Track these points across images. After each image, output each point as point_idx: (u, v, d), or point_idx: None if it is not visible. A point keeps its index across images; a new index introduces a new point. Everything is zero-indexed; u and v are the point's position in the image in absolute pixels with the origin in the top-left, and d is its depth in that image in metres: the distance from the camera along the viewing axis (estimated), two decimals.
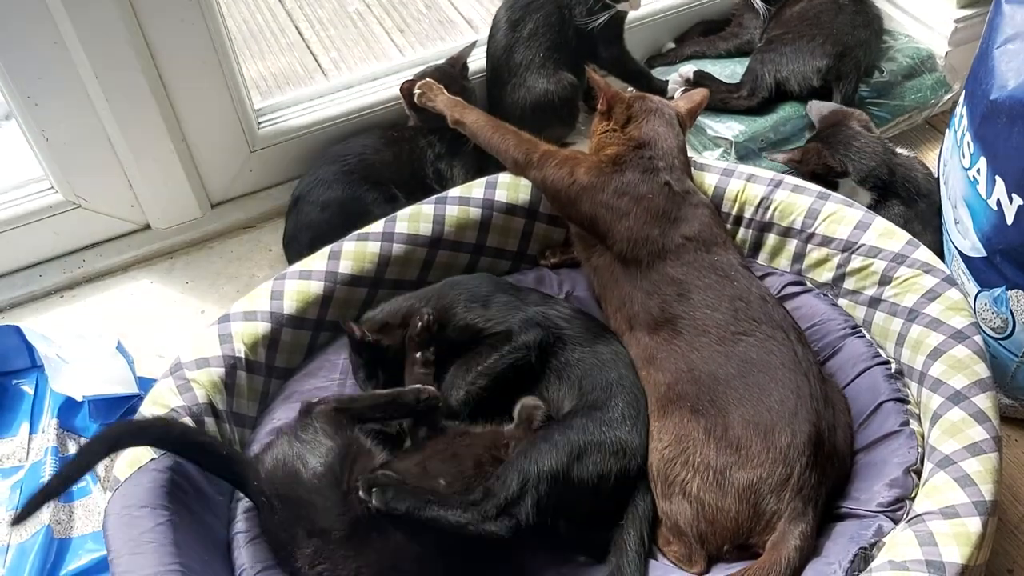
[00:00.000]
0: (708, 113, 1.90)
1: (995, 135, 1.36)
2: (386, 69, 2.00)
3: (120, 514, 1.15)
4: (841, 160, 1.68)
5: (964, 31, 2.03)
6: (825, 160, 1.69)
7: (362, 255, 1.47)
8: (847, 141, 1.69)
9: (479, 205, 1.54)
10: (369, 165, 1.78)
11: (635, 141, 1.44)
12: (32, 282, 1.78)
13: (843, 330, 1.40)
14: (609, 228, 1.39)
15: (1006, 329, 1.45)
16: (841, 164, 1.68)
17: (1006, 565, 1.38)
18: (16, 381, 1.56)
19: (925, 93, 2.03)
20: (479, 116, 1.59)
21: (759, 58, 1.96)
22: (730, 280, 1.32)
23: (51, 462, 1.42)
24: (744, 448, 1.18)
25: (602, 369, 1.32)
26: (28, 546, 1.32)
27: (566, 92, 1.91)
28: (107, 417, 1.49)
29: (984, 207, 1.41)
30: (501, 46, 1.91)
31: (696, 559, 1.20)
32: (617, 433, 1.24)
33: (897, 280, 1.36)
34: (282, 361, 1.42)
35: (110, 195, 1.78)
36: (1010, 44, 1.36)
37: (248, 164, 1.87)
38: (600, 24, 1.87)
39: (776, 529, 1.15)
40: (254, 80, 2.25)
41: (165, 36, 1.63)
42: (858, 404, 1.32)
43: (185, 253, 1.86)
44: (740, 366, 1.24)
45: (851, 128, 1.71)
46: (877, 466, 1.23)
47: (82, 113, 1.65)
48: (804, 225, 1.46)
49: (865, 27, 1.98)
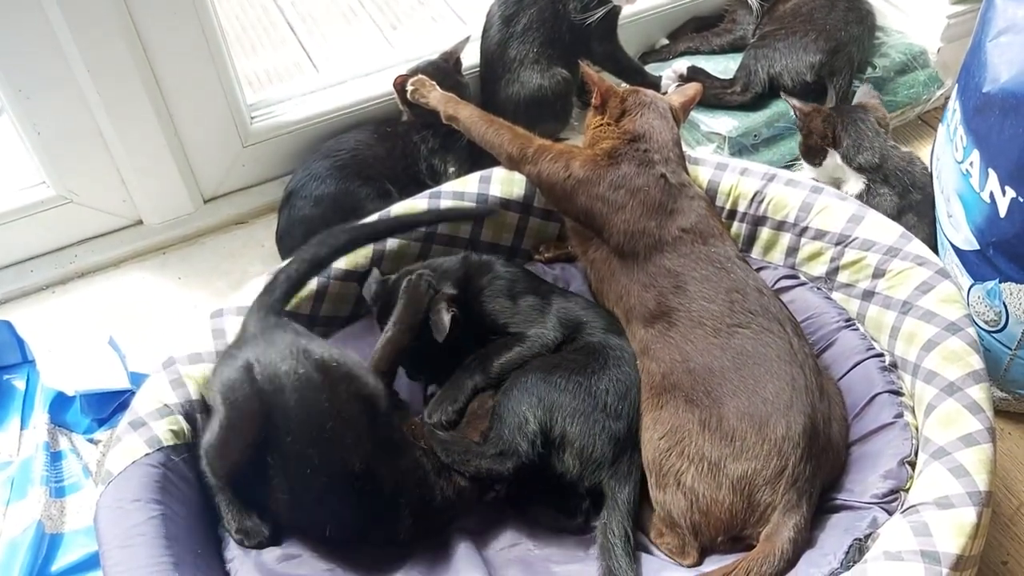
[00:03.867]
0: (702, 108, 1.91)
1: (988, 128, 1.37)
2: (379, 64, 2.00)
3: (111, 507, 1.15)
4: (840, 132, 1.72)
5: (956, 27, 2.04)
6: (827, 124, 1.73)
7: (356, 250, 1.46)
8: (856, 121, 1.73)
9: (473, 200, 1.53)
10: (362, 160, 1.78)
11: (630, 135, 1.44)
12: (23, 277, 1.77)
13: (837, 323, 1.40)
14: (606, 221, 1.39)
15: (999, 322, 1.45)
16: (838, 135, 1.72)
17: (1000, 557, 1.39)
18: (7, 376, 1.55)
19: (918, 89, 2.03)
20: (473, 111, 1.59)
21: (753, 54, 1.97)
22: (726, 272, 1.32)
23: (42, 457, 1.41)
24: (739, 439, 1.18)
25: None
26: (19, 541, 1.31)
27: (560, 87, 1.91)
28: (99, 412, 1.49)
29: (977, 200, 1.41)
30: (495, 41, 1.91)
31: (689, 550, 1.20)
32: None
33: (890, 273, 1.36)
34: None
35: (102, 190, 1.77)
36: (1002, 37, 1.36)
37: (240, 159, 1.87)
38: (595, 20, 1.87)
39: (770, 521, 1.15)
40: (246, 75, 2.24)
41: (157, 29, 1.63)
42: (852, 396, 1.32)
43: (177, 248, 1.85)
44: (735, 358, 1.24)
45: (867, 114, 1.75)
46: (871, 458, 1.23)
47: (74, 107, 1.64)
48: (798, 219, 1.46)
49: (858, 23, 1.99)
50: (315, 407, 1.14)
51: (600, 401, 1.27)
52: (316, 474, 1.13)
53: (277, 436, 1.13)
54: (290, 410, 1.13)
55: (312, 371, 1.16)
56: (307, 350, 1.18)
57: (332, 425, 1.14)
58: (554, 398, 1.25)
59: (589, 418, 1.25)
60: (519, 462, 1.22)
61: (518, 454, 1.22)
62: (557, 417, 1.25)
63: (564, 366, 1.30)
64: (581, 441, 1.24)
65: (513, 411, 1.25)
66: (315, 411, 1.14)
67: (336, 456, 1.14)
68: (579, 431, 1.24)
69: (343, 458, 1.14)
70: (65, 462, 1.44)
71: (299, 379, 1.15)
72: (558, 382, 1.27)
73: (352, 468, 1.14)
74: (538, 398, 1.25)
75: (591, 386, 1.28)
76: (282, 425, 1.13)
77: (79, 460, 1.44)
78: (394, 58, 2.01)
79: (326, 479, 1.14)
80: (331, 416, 1.14)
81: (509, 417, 1.24)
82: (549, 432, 1.24)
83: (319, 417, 1.14)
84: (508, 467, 1.22)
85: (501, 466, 1.22)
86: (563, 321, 1.39)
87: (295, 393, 1.14)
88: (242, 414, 1.14)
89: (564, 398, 1.26)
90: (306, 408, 1.14)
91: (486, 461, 1.23)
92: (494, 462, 1.23)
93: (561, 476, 1.26)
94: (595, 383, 1.28)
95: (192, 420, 1.27)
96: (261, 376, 1.15)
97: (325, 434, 1.13)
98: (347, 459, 1.14)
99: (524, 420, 1.23)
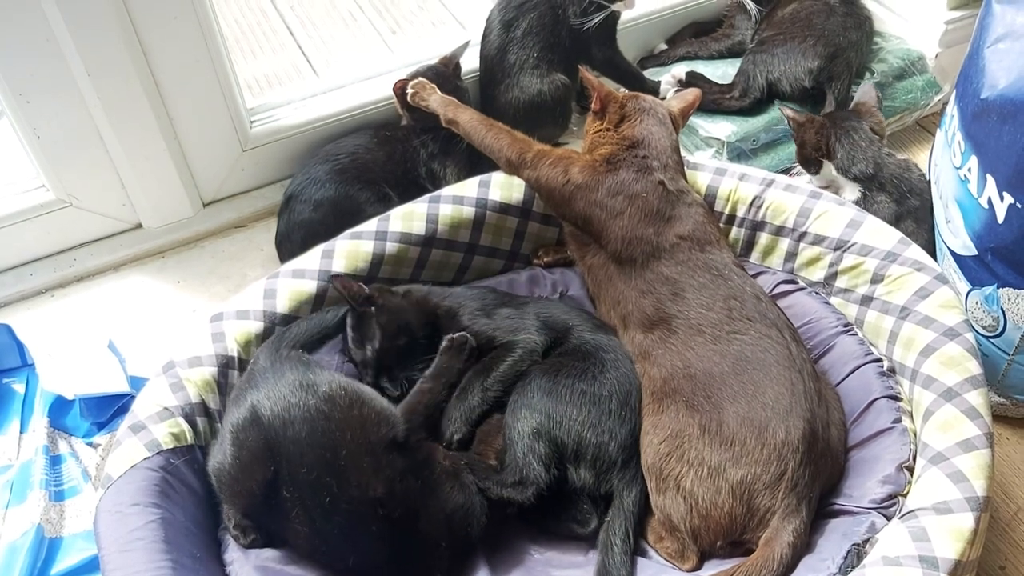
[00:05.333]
0: (700, 113, 1.91)
1: (986, 134, 1.37)
2: (379, 69, 2.00)
3: (111, 511, 1.15)
4: (834, 143, 1.71)
5: (954, 33, 2.04)
6: (820, 136, 1.73)
7: (355, 254, 1.46)
8: (849, 131, 1.72)
9: (472, 204, 1.54)
10: (362, 164, 1.78)
11: (629, 140, 1.44)
12: (23, 281, 1.77)
13: (835, 328, 1.40)
14: (603, 227, 1.39)
15: (997, 327, 1.45)
16: (832, 146, 1.71)
17: (998, 562, 1.39)
18: (6, 380, 1.55)
19: (916, 94, 2.04)
20: (472, 115, 1.59)
21: (751, 59, 1.97)
22: (724, 279, 1.32)
23: (42, 461, 1.41)
24: (739, 444, 1.18)
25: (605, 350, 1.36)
26: (18, 545, 1.31)
27: (559, 93, 1.91)
28: (98, 416, 1.49)
29: (975, 205, 1.42)
30: (495, 46, 1.91)
31: (688, 555, 1.20)
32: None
33: (889, 278, 1.36)
34: None
35: (102, 193, 1.77)
36: (1000, 43, 1.37)
37: (240, 163, 1.87)
38: (594, 24, 1.87)
39: (769, 525, 1.15)
40: (246, 79, 2.24)
41: (157, 33, 1.63)
42: (851, 401, 1.32)
43: (177, 252, 1.85)
44: (735, 364, 1.24)
45: (860, 122, 1.74)
46: (870, 463, 1.23)
47: (74, 111, 1.64)
48: (796, 224, 1.46)
49: (856, 29, 1.99)
50: (327, 437, 1.14)
51: (606, 408, 1.27)
52: (336, 502, 1.12)
53: (292, 470, 1.14)
54: (302, 442, 1.14)
55: (321, 403, 1.17)
56: (314, 384, 1.19)
57: (346, 452, 1.14)
58: (562, 412, 1.25)
59: (597, 427, 1.25)
60: (538, 489, 1.21)
61: (537, 482, 1.21)
62: (568, 431, 1.24)
63: (565, 374, 1.29)
64: (593, 452, 1.24)
65: (523, 434, 1.23)
66: (328, 441, 1.14)
67: (354, 481, 1.13)
68: (590, 442, 1.24)
69: (362, 482, 1.13)
70: (64, 466, 1.43)
71: (308, 411, 1.16)
72: (563, 394, 1.26)
73: (375, 493, 1.13)
74: (546, 416, 1.25)
75: (594, 393, 1.27)
76: (295, 459, 1.13)
77: (78, 464, 1.44)
78: (394, 62, 2.01)
79: (346, 506, 1.12)
80: (344, 443, 1.14)
81: (521, 442, 1.23)
82: (562, 449, 1.24)
83: (332, 446, 1.14)
84: (528, 495, 1.21)
85: (521, 495, 1.21)
86: (546, 323, 1.39)
87: (305, 425, 1.15)
88: (252, 455, 1.15)
89: (571, 410, 1.25)
90: (318, 438, 1.14)
91: (507, 490, 1.21)
92: (514, 491, 1.21)
93: (576, 487, 1.25)
94: (598, 389, 1.28)
95: (192, 423, 1.26)
96: (270, 414, 1.16)
97: (340, 461, 1.13)
98: (366, 483, 1.13)
99: (535, 443, 1.22)
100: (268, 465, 1.14)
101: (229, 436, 1.18)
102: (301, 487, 1.13)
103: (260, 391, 1.20)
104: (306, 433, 1.15)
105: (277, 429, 1.15)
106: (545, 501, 1.24)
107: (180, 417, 1.26)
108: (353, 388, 1.22)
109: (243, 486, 1.16)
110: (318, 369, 1.25)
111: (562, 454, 1.24)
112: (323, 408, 1.17)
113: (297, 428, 1.15)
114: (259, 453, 1.15)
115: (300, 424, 1.15)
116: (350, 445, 1.15)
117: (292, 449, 1.14)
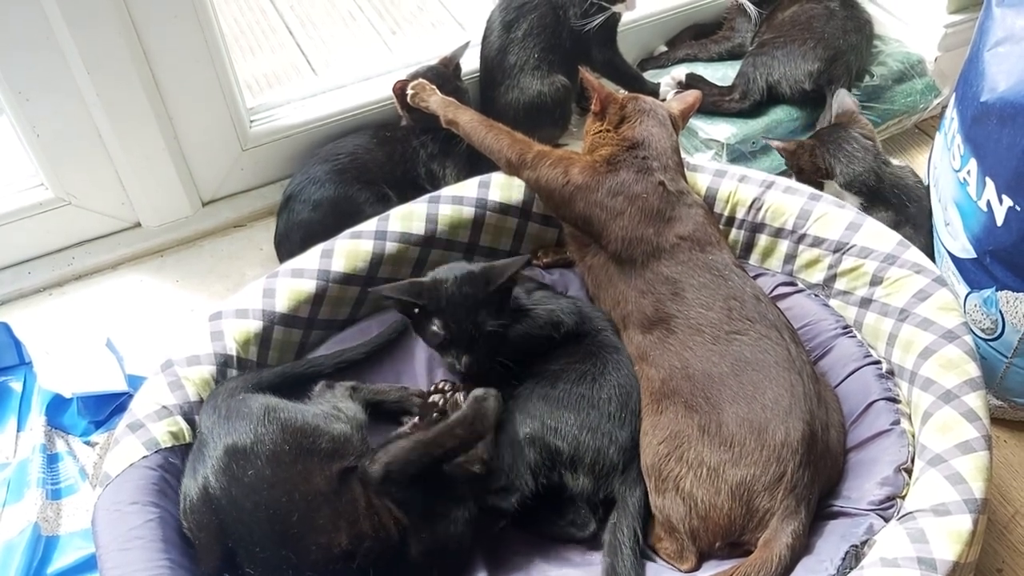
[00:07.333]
0: (700, 115, 1.91)
1: (986, 137, 1.37)
2: (378, 69, 2.00)
3: (109, 510, 1.15)
4: (830, 161, 1.69)
5: (953, 36, 2.05)
6: (815, 158, 1.71)
7: (355, 253, 1.46)
8: (840, 144, 1.70)
9: (472, 204, 1.54)
10: (361, 164, 1.78)
11: (629, 141, 1.45)
12: (21, 279, 1.76)
13: (834, 330, 1.40)
14: (603, 228, 1.39)
15: (995, 330, 1.46)
16: (829, 165, 1.69)
17: (995, 564, 1.39)
18: (4, 378, 1.55)
19: (915, 97, 2.04)
20: (472, 116, 1.59)
21: (751, 61, 1.97)
22: (724, 279, 1.32)
23: (39, 459, 1.41)
24: (738, 445, 1.18)
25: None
26: (15, 543, 1.31)
27: (559, 94, 1.91)
28: (96, 415, 1.48)
29: (974, 208, 1.42)
30: (495, 47, 1.91)
31: (687, 556, 1.20)
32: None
33: (888, 280, 1.36)
34: (273, 359, 1.41)
35: (100, 192, 1.77)
36: (1000, 47, 1.37)
37: (239, 163, 1.87)
38: (594, 26, 1.87)
39: (768, 527, 1.15)
40: (246, 79, 2.24)
41: (157, 31, 1.63)
42: (849, 403, 1.32)
43: (175, 251, 1.85)
44: (734, 364, 1.24)
45: (848, 132, 1.71)
46: (868, 465, 1.23)
47: (73, 110, 1.64)
48: (795, 226, 1.47)
49: (856, 32, 2.00)
50: (274, 507, 1.08)
51: (604, 412, 1.26)
52: (299, 571, 1.07)
53: (247, 549, 1.09)
54: (248, 521, 1.09)
55: (264, 467, 1.11)
56: (256, 443, 1.13)
57: (298, 516, 1.08)
58: (558, 417, 1.24)
59: (596, 432, 1.24)
60: (522, 497, 1.20)
61: (521, 489, 1.20)
62: (564, 437, 1.23)
63: (564, 379, 1.29)
64: (592, 457, 1.23)
65: (514, 440, 1.22)
66: (276, 512, 1.08)
67: (313, 544, 1.07)
68: (589, 446, 1.23)
69: (322, 542, 1.07)
70: (62, 464, 1.43)
71: (251, 482, 1.10)
72: (560, 399, 1.26)
73: (340, 547, 1.07)
74: (541, 422, 1.24)
75: (593, 397, 1.27)
76: (247, 538, 1.09)
77: (76, 462, 1.44)
78: (394, 63, 2.01)
79: (312, 573, 1.07)
80: (294, 505, 1.08)
81: (511, 448, 1.22)
82: (557, 455, 1.23)
83: (282, 516, 1.08)
84: (511, 502, 1.20)
85: (504, 502, 1.19)
86: (572, 308, 1.39)
87: (249, 499, 1.09)
88: (210, 537, 1.12)
89: (569, 415, 1.24)
90: (263, 513, 1.08)
91: (490, 497, 1.20)
92: (498, 498, 1.19)
93: (575, 493, 1.24)
94: (596, 392, 1.27)
95: (191, 421, 1.26)
96: (218, 491, 1.11)
97: (293, 529, 1.07)
98: (328, 541, 1.07)
99: (525, 450, 1.21)
100: (226, 544, 1.10)
101: (190, 514, 1.14)
102: (261, 565, 1.08)
103: (207, 463, 1.14)
104: (250, 507, 1.09)
105: (226, 509, 1.10)
106: (543, 505, 1.23)
107: (179, 416, 1.26)
108: (299, 425, 1.16)
109: (208, 565, 1.12)
110: (260, 417, 1.16)
111: (557, 460, 1.23)
112: (266, 474, 1.10)
113: (242, 504, 1.09)
114: (216, 534, 1.11)
115: (244, 499, 1.09)
116: (300, 505, 1.08)
117: (242, 530, 1.09)
